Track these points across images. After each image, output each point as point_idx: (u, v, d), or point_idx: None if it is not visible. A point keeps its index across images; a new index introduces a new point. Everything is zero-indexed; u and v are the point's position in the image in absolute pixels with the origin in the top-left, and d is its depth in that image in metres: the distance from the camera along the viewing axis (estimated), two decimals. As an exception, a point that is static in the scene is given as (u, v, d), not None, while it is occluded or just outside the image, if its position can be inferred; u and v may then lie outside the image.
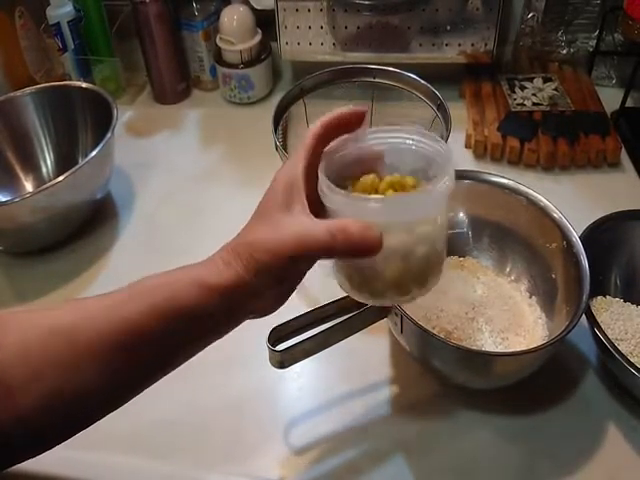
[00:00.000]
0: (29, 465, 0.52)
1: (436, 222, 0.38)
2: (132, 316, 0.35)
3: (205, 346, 0.38)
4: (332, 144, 0.39)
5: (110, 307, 0.36)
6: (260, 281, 0.36)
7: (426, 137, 0.38)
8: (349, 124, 0.39)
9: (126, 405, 0.40)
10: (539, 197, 0.60)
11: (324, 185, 0.36)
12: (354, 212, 0.35)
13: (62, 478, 0.52)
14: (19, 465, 0.53)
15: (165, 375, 0.39)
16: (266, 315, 0.40)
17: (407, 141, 0.39)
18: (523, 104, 0.84)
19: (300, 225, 0.35)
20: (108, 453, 0.54)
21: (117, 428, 0.55)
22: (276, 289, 0.38)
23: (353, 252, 0.35)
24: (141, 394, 0.40)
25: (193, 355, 0.38)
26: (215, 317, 0.37)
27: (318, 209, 0.37)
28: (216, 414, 0.56)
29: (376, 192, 0.38)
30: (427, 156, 0.38)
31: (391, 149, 0.39)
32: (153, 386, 0.40)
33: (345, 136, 0.39)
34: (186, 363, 0.39)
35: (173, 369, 0.38)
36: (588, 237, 0.58)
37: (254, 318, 0.39)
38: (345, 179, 0.39)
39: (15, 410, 0.34)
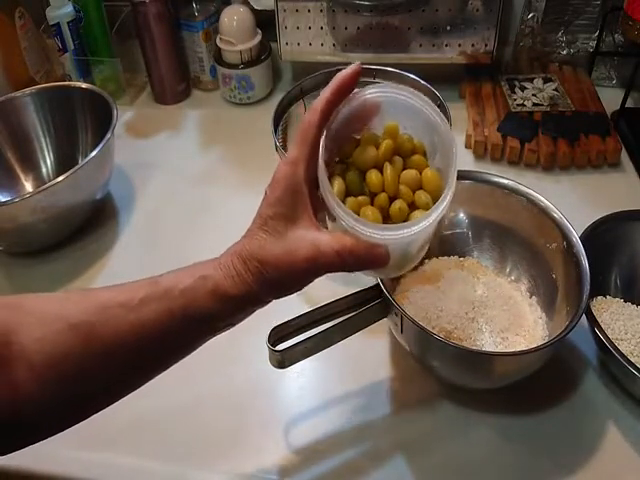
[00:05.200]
0: (30, 464, 0.53)
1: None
2: (149, 319, 0.37)
3: (207, 340, 0.40)
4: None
5: (127, 307, 0.37)
6: (268, 293, 0.38)
7: (426, 101, 0.37)
8: (350, 90, 0.38)
9: (127, 405, 0.40)
10: (539, 197, 0.60)
11: (331, 199, 0.36)
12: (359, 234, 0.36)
13: (63, 478, 0.52)
14: (20, 463, 0.53)
15: (172, 366, 0.40)
16: None
17: (404, 96, 0.38)
18: (523, 104, 0.84)
19: (310, 245, 0.36)
20: (109, 453, 0.54)
21: (117, 428, 0.55)
22: (281, 296, 0.39)
23: (362, 268, 0.38)
24: (142, 394, 0.40)
25: (197, 348, 0.40)
26: (224, 321, 0.39)
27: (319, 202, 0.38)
28: (216, 414, 0.56)
29: (376, 167, 0.38)
30: (426, 116, 0.38)
31: (388, 102, 0.38)
32: (153, 387, 0.40)
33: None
34: (186, 364, 0.40)
35: (179, 361, 0.40)
36: (588, 237, 0.58)
37: None
38: (344, 143, 0.39)
39: (28, 391, 0.35)
